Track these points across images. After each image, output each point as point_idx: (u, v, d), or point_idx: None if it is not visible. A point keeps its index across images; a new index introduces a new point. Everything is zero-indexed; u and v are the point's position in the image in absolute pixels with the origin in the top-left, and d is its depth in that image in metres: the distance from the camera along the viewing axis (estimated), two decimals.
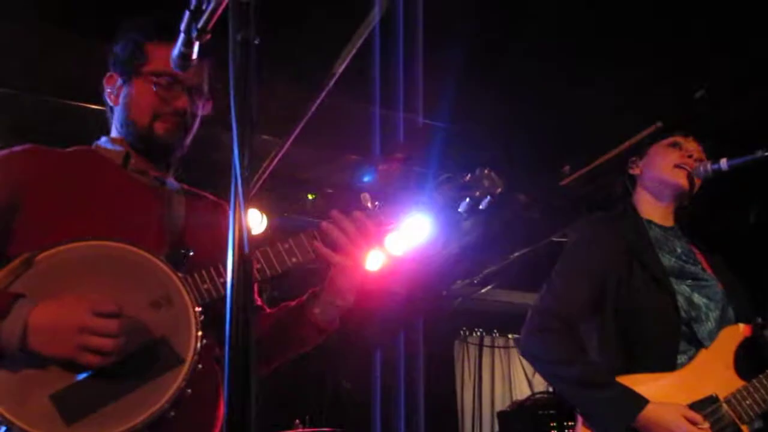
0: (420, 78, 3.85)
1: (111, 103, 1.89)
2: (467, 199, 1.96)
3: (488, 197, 1.97)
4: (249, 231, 0.98)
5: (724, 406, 2.14)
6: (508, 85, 4.05)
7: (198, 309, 1.57)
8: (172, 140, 1.84)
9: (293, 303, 1.91)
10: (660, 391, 2.13)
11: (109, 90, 1.89)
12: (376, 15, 3.29)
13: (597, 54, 3.79)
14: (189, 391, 1.51)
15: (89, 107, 3.67)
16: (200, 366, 1.54)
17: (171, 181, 1.92)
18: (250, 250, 0.97)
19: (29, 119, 3.83)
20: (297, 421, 4.70)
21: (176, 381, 1.49)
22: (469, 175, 1.98)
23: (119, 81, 1.86)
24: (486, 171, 1.98)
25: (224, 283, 1.61)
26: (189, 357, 1.52)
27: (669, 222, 2.47)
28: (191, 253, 1.67)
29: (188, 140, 1.90)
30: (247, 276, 0.96)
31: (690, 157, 2.41)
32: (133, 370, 1.48)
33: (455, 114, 4.34)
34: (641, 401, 2.08)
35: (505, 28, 3.66)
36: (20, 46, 3.58)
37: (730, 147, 2.43)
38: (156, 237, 1.71)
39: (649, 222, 2.43)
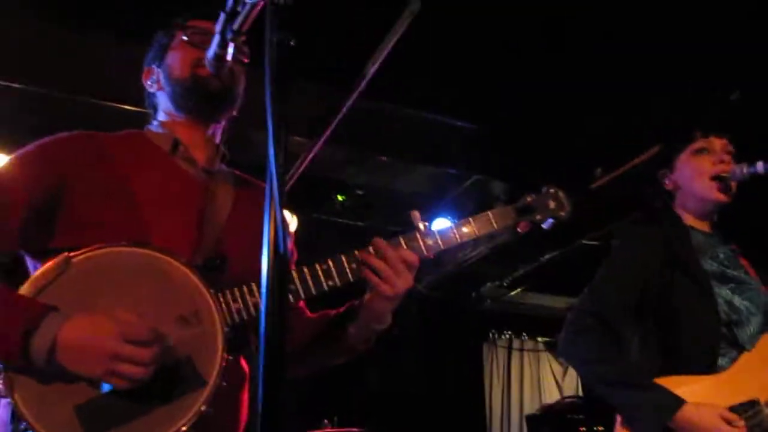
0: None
1: (154, 90, 1.88)
2: (528, 222, 1.83)
3: (552, 220, 1.84)
4: (286, 229, 0.98)
5: (766, 410, 2.12)
6: (540, 84, 4.03)
7: (226, 330, 1.53)
8: (217, 84, 1.77)
9: (333, 313, 1.86)
10: (700, 393, 2.12)
11: (149, 83, 1.89)
12: (406, 16, 3.29)
13: (630, 55, 3.76)
14: (211, 411, 1.49)
15: (116, 107, 3.73)
16: (224, 384, 1.51)
17: (221, 168, 1.87)
18: (285, 253, 0.96)
19: (55, 119, 3.89)
20: (325, 420, 4.71)
21: (197, 403, 1.47)
22: (532, 196, 1.85)
23: (155, 68, 1.87)
24: (552, 190, 1.86)
25: (256, 304, 1.58)
26: (212, 380, 1.49)
27: (708, 229, 2.46)
28: (227, 260, 1.62)
29: (238, 89, 1.85)
30: (282, 276, 0.96)
31: (722, 162, 2.38)
32: (156, 388, 1.46)
33: (485, 114, 4.33)
34: (679, 401, 2.08)
35: (542, 29, 3.65)
36: (44, 44, 3.61)
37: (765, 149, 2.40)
38: (194, 240, 1.67)
39: (693, 228, 2.42)
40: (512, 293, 6.86)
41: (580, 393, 7.45)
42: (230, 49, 1.63)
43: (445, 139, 4.55)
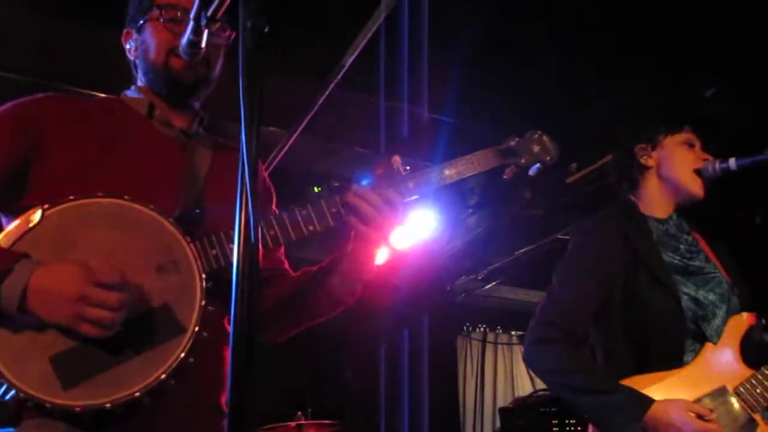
0: (425, 72, 3.85)
1: (132, 58, 1.87)
2: (512, 167, 1.80)
3: (538, 164, 1.82)
4: (257, 221, 0.97)
5: (734, 397, 2.13)
6: (515, 80, 4.04)
7: (203, 276, 1.52)
8: (190, 76, 1.77)
9: (314, 268, 1.82)
10: (667, 389, 2.12)
11: (128, 47, 1.88)
12: (384, 7, 3.28)
13: (606, 52, 3.78)
14: (191, 360, 1.47)
15: (100, 96, 3.69)
16: (205, 334, 1.49)
17: (199, 131, 1.86)
18: (258, 225, 0.95)
19: None
20: (299, 413, 4.70)
21: (177, 350, 1.45)
22: (515, 140, 1.82)
23: (134, 33, 1.85)
24: (537, 135, 1.83)
25: (232, 250, 1.54)
26: (191, 326, 1.47)
27: (668, 212, 2.42)
28: (205, 213, 1.61)
29: (213, 74, 1.84)
30: (253, 266, 0.95)
31: (705, 160, 2.39)
32: (135, 336, 1.45)
33: (461, 109, 4.33)
34: (647, 401, 2.07)
35: (512, 23, 3.65)
36: (30, 33, 3.56)
37: (740, 146, 2.42)
38: (172, 194, 1.66)
39: (651, 218, 2.39)
40: (487, 287, 6.89)
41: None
42: (204, 36, 1.61)
43: (420, 131, 4.54)
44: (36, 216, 1.48)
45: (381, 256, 5.23)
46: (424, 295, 6.65)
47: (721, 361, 2.19)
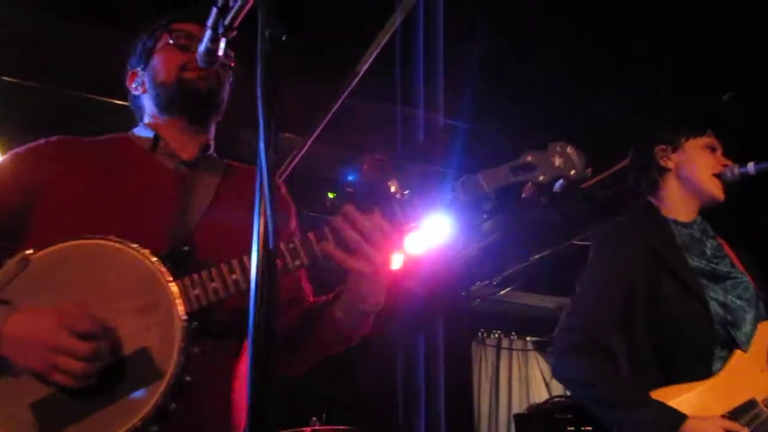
0: (441, 78, 3.85)
1: (140, 94, 1.86)
2: (529, 185, 1.59)
3: (560, 181, 1.59)
4: (275, 226, 0.97)
5: (765, 409, 2.09)
6: (529, 86, 4.03)
7: (184, 318, 1.46)
8: (205, 85, 1.76)
9: (325, 297, 1.73)
10: (696, 401, 2.07)
11: (133, 86, 1.88)
12: (398, 14, 3.29)
13: (621, 56, 3.76)
14: (173, 405, 1.42)
15: (105, 100, 3.71)
16: (188, 378, 1.44)
17: (209, 158, 1.83)
18: (275, 249, 0.95)
19: (42, 112, 3.86)
20: (314, 418, 4.70)
21: (153, 397, 1.40)
22: (533, 154, 1.59)
23: (140, 71, 1.85)
24: (559, 147, 1.60)
25: (215, 289, 1.49)
26: (169, 371, 1.42)
27: (692, 216, 2.39)
28: (194, 249, 1.55)
29: (224, 93, 1.83)
30: (271, 273, 0.95)
31: (725, 165, 2.37)
32: (114, 381, 1.41)
33: (476, 114, 4.33)
34: (679, 418, 2.02)
35: (528, 30, 3.65)
36: (34, 37, 3.59)
37: (757, 150, 2.40)
38: (160, 232, 1.62)
39: (675, 222, 2.35)
40: (502, 292, 6.86)
41: (569, 393, 7.46)
42: (222, 44, 1.62)
43: (436, 138, 4.54)
44: (22, 260, 1.49)
45: (395, 262, 5.23)
46: (439, 301, 6.64)
47: (749, 370, 2.14)
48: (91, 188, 1.67)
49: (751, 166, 2.33)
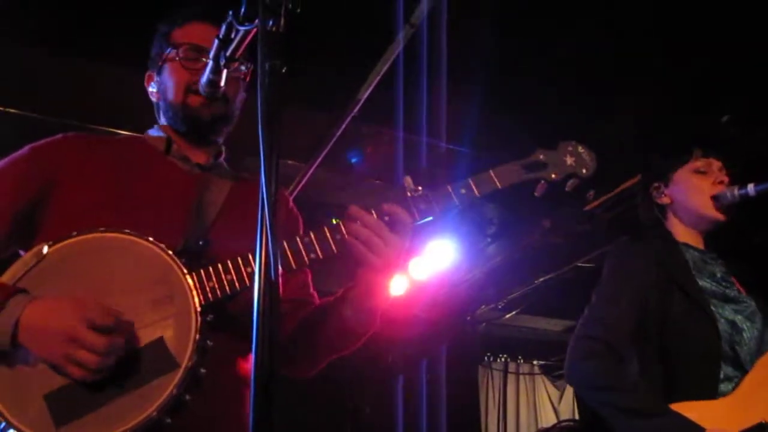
0: (443, 104, 3.87)
1: (155, 100, 1.91)
2: (542, 182, 1.59)
3: (572, 179, 1.61)
4: (277, 257, 0.98)
5: None
6: (531, 110, 4.05)
7: (199, 310, 1.48)
8: (208, 113, 1.78)
9: (332, 298, 1.74)
10: (708, 419, 2.07)
11: (150, 89, 1.92)
12: (400, 41, 3.32)
13: (621, 79, 3.79)
14: (188, 397, 1.43)
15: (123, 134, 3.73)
16: (203, 370, 1.45)
17: (221, 164, 1.88)
18: (277, 281, 0.96)
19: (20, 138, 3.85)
20: None
21: (168, 387, 1.41)
22: (544, 153, 1.61)
23: (155, 76, 1.89)
24: (570, 146, 1.63)
25: (231, 281, 1.50)
26: (184, 362, 1.43)
27: (702, 245, 2.44)
28: (209, 244, 1.58)
29: (232, 110, 1.85)
30: (273, 303, 0.96)
31: (721, 183, 2.39)
32: (129, 372, 1.43)
33: (478, 140, 4.34)
34: (696, 429, 2.03)
35: (529, 54, 3.68)
36: (15, 66, 3.62)
37: (758, 171, 2.41)
38: (177, 227, 1.64)
39: (686, 245, 2.39)
40: (507, 316, 6.83)
41: (576, 416, 7.40)
42: (224, 75, 1.65)
43: (436, 161, 4.56)
44: (40, 252, 1.51)
45: (399, 287, 5.22)
46: (444, 326, 6.62)
47: (760, 394, 2.15)
48: (106, 184, 1.69)
49: (751, 188, 2.34)
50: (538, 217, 5.08)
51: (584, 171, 1.64)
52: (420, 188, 1.56)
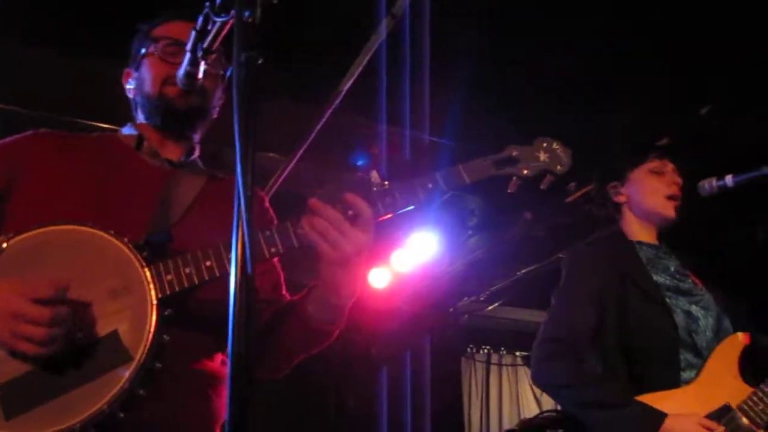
0: (426, 95, 3.86)
1: (132, 96, 1.90)
2: (514, 179, 1.58)
3: (547, 176, 1.59)
4: (252, 251, 0.97)
5: (739, 413, 2.19)
6: (514, 102, 4.06)
7: (155, 303, 1.44)
8: (184, 103, 1.77)
9: (296, 297, 1.70)
10: (673, 408, 2.16)
11: (128, 86, 1.91)
12: (382, 32, 3.31)
13: (605, 73, 3.80)
14: (141, 392, 1.40)
15: (80, 122, 3.70)
16: (158, 365, 1.42)
17: (194, 162, 1.86)
18: (253, 274, 0.95)
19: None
20: None
21: (120, 381, 1.38)
22: (517, 149, 1.59)
23: (133, 72, 1.88)
24: (545, 143, 1.61)
25: (189, 274, 1.47)
26: (137, 356, 1.40)
27: (655, 240, 2.54)
28: (172, 239, 1.54)
29: (211, 103, 1.84)
30: (250, 296, 0.95)
31: (675, 184, 2.50)
32: (83, 364, 1.40)
33: (461, 132, 4.34)
34: (660, 415, 2.11)
35: (512, 46, 3.68)
36: (24, 65, 3.59)
37: (737, 163, 2.44)
38: (140, 221, 1.62)
39: (639, 243, 2.50)
40: (489, 308, 6.86)
41: (559, 407, 7.45)
42: (201, 67, 1.63)
43: (420, 155, 4.55)
44: (0, 245, 1.49)
45: (381, 280, 5.22)
46: (427, 318, 6.63)
47: (722, 379, 2.25)
48: (73, 180, 1.68)
49: (729, 179, 2.38)
50: (520, 210, 5.10)
51: (558, 168, 1.62)
52: (386, 183, 1.53)
